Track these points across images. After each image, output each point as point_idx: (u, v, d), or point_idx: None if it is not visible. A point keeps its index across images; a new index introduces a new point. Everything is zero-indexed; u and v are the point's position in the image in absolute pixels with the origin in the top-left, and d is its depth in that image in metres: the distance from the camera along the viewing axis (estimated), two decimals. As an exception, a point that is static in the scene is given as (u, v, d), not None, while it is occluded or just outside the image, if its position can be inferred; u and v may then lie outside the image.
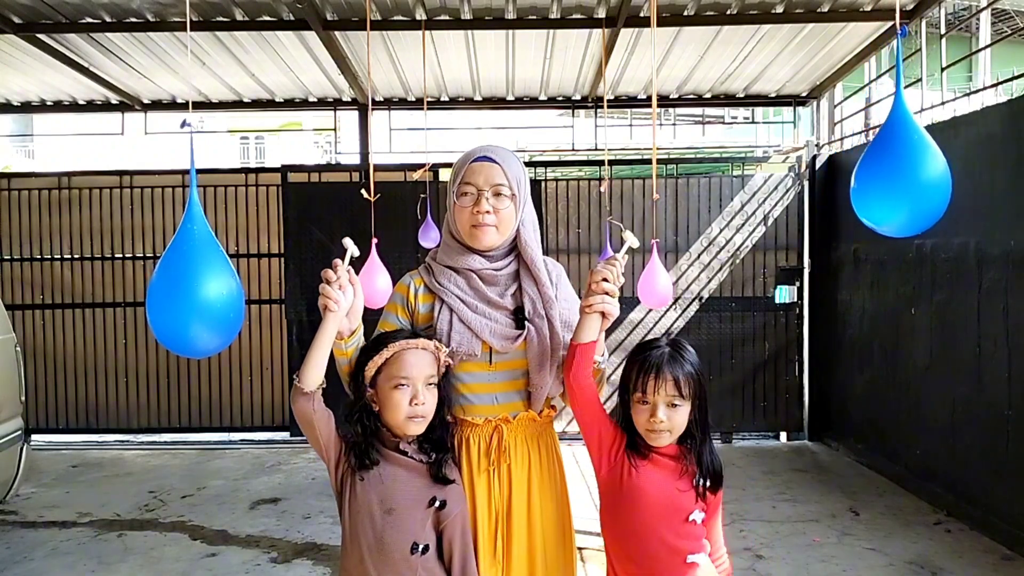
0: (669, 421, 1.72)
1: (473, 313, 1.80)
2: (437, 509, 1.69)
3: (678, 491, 1.74)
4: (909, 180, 1.81)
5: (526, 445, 1.85)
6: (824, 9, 5.27)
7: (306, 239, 6.37)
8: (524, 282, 1.85)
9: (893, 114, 1.88)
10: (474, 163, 1.82)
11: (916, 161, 1.81)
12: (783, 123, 8.33)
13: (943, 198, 1.82)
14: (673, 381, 1.71)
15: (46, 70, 6.16)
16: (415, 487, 1.70)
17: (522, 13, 5.35)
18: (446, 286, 1.83)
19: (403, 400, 1.69)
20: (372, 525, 1.67)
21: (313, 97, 7.08)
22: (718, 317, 6.41)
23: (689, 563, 1.73)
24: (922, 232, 1.88)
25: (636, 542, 1.75)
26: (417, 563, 1.67)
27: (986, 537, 4.10)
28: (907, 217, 1.84)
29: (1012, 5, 14.42)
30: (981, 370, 4.20)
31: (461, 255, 1.84)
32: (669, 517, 1.73)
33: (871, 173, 1.87)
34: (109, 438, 6.73)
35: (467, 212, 1.80)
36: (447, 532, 1.71)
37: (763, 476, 5.39)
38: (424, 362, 1.71)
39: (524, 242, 1.85)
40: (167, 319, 1.58)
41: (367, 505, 1.68)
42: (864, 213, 1.89)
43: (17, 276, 6.72)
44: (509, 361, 1.82)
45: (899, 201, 1.83)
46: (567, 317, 1.87)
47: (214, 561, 3.97)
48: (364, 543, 1.67)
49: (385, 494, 1.68)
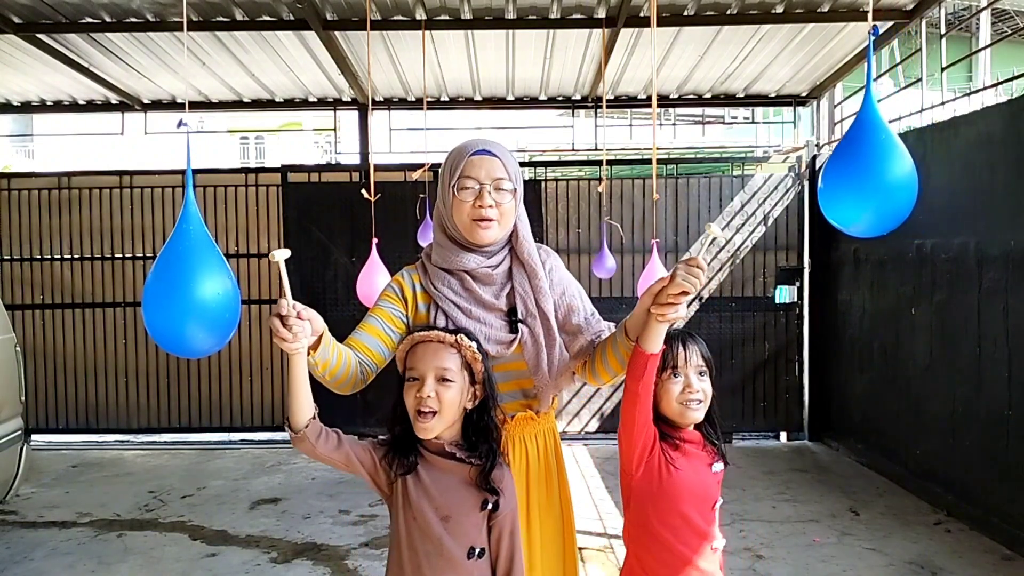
0: (702, 390, 1.78)
1: (467, 318, 1.78)
2: (491, 511, 1.64)
3: (708, 478, 1.80)
4: (875, 180, 1.79)
5: (524, 444, 1.84)
6: (824, 9, 5.27)
7: (306, 239, 6.36)
8: (517, 280, 1.83)
9: (861, 114, 1.86)
10: (473, 156, 1.78)
11: (881, 161, 1.79)
12: (783, 123, 8.33)
13: (909, 198, 1.80)
14: (698, 350, 1.79)
15: (46, 70, 6.16)
16: (466, 491, 1.63)
17: (522, 13, 5.34)
18: (441, 290, 1.81)
19: (411, 394, 1.62)
20: (429, 532, 1.61)
21: (313, 97, 7.08)
22: (718, 317, 6.41)
23: (714, 549, 1.78)
24: (888, 232, 1.86)
25: (671, 535, 1.75)
26: (473, 567, 1.63)
27: (986, 537, 4.10)
28: (873, 217, 1.82)
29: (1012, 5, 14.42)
30: (981, 370, 4.20)
31: (455, 255, 1.82)
32: (700, 505, 1.78)
33: (838, 173, 1.85)
34: (109, 438, 6.74)
35: (468, 206, 1.77)
36: (495, 532, 1.66)
37: (763, 476, 5.39)
38: (438, 356, 1.62)
39: (521, 237, 1.84)
40: (162, 319, 1.57)
41: (422, 511, 1.62)
42: (831, 214, 1.88)
43: (17, 276, 6.72)
44: (507, 363, 1.81)
45: (865, 201, 1.81)
46: (568, 301, 1.87)
47: (214, 561, 3.97)
48: (422, 548, 1.62)
49: (438, 500, 1.62)
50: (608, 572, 3.77)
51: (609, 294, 6.38)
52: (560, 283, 1.89)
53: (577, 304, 1.88)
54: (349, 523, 4.50)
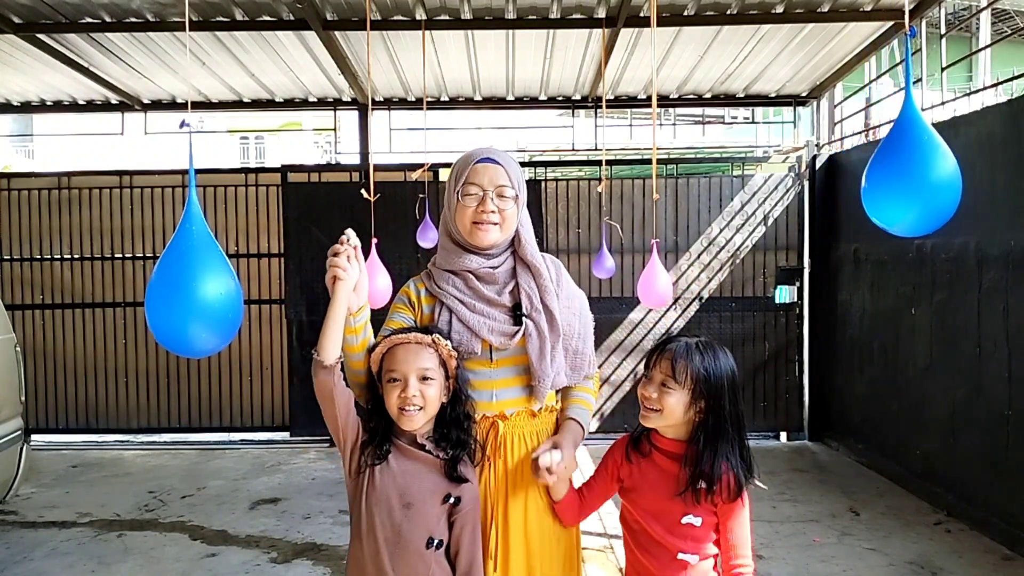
0: (658, 401, 1.75)
1: (471, 312, 1.83)
2: (452, 505, 1.71)
3: (671, 492, 1.77)
4: (920, 180, 1.82)
5: (524, 441, 1.85)
6: (824, 9, 5.27)
7: (306, 239, 6.37)
8: (521, 278, 1.88)
9: (903, 113, 1.88)
10: (478, 164, 1.84)
11: (926, 161, 1.82)
12: (783, 123, 8.33)
13: (954, 197, 1.83)
14: (670, 362, 1.75)
15: (46, 70, 6.16)
16: (431, 482, 1.71)
17: (522, 13, 5.35)
18: (445, 288, 1.87)
19: (393, 394, 1.70)
20: (391, 518, 1.68)
21: (313, 97, 7.07)
22: (718, 317, 6.41)
23: (679, 560, 1.76)
24: (932, 231, 1.88)
25: (640, 534, 1.83)
26: (431, 558, 1.68)
27: (986, 537, 4.10)
28: (918, 216, 1.85)
29: (1012, 5, 14.42)
30: (981, 370, 4.20)
31: (459, 257, 1.87)
32: (661, 516, 1.78)
33: (882, 173, 1.88)
34: (109, 438, 6.73)
35: (470, 211, 1.83)
36: (456, 527, 1.72)
37: (763, 476, 5.36)
38: (417, 356, 1.72)
39: (524, 241, 1.89)
40: (166, 319, 1.58)
41: (386, 498, 1.69)
42: (875, 213, 1.90)
43: (17, 276, 6.72)
44: (510, 357, 1.85)
45: (910, 201, 1.84)
46: (572, 310, 1.92)
47: (214, 561, 3.97)
48: (381, 535, 1.68)
49: (403, 488, 1.70)
50: (608, 572, 3.77)
51: (609, 294, 6.38)
52: (568, 297, 1.93)
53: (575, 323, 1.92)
54: (349, 523, 4.50)
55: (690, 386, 1.74)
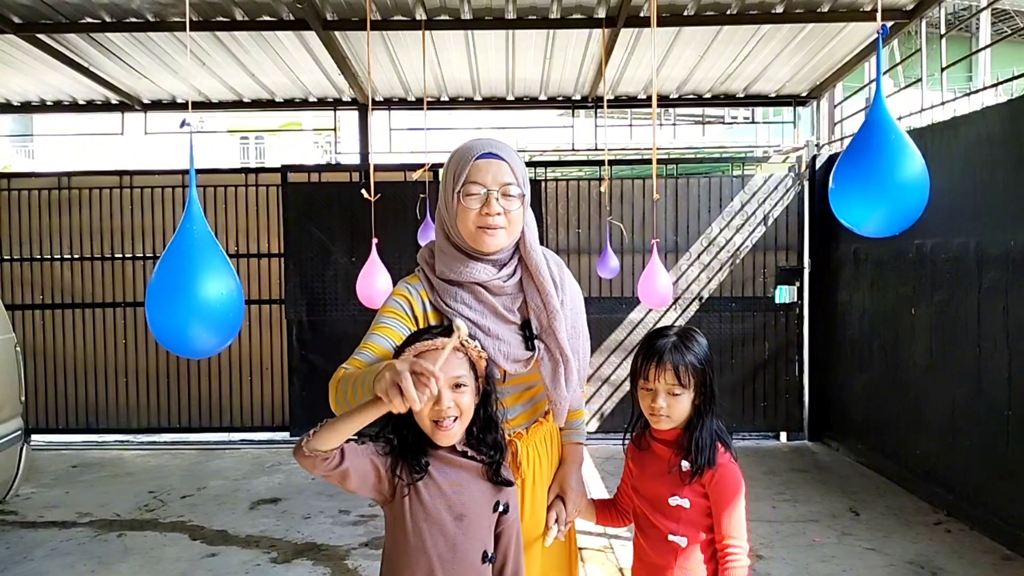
0: (669, 408, 1.81)
1: (486, 336, 1.68)
2: (501, 513, 1.60)
3: (662, 476, 1.85)
4: (886, 180, 1.80)
5: (536, 451, 1.83)
6: (824, 9, 5.27)
7: (306, 239, 6.37)
8: (529, 295, 1.74)
9: (872, 113, 1.87)
10: (479, 160, 1.66)
11: (894, 161, 1.80)
12: (783, 123, 8.33)
13: (921, 198, 1.81)
14: (673, 370, 1.80)
15: (46, 70, 6.16)
16: (479, 490, 1.59)
17: (522, 13, 5.35)
18: (454, 307, 1.69)
19: (425, 409, 1.52)
20: (443, 533, 1.54)
21: (313, 97, 7.08)
22: (718, 317, 6.41)
23: (670, 542, 1.83)
24: (900, 232, 1.87)
25: (640, 518, 1.92)
26: (485, 572, 1.58)
27: (986, 537, 4.10)
28: (884, 217, 1.83)
29: (1012, 5, 14.41)
30: (981, 370, 4.20)
31: (463, 264, 1.70)
32: (654, 500, 1.86)
33: (849, 173, 1.87)
34: (109, 438, 6.73)
35: (474, 214, 1.65)
36: (504, 538, 1.62)
37: (763, 476, 5.39)
38: (447, 364, 1.50)
39: (529, 245, 1.74)
40: (166, 319, 1.58)
41: (437, 513, 1.55)
42: (842, 213, 1.89)
43: (17, 276, 6.72)
44: (523, 376, 1.76)
45: (876, 201, 1.83)
46: (574, 317, 1.82)
47: (214, 561, 3.97)
48: (435, 552, 1.54)
49: (453, 499, 1.56)
50: (608, 572, 3.77)
51: (609, 294, 6.38)
52: (571, 299, 1.82)
53: (580, 324, 1.84)
54: (349, 523, 4.50)
55: (694, 384, 1.82)
